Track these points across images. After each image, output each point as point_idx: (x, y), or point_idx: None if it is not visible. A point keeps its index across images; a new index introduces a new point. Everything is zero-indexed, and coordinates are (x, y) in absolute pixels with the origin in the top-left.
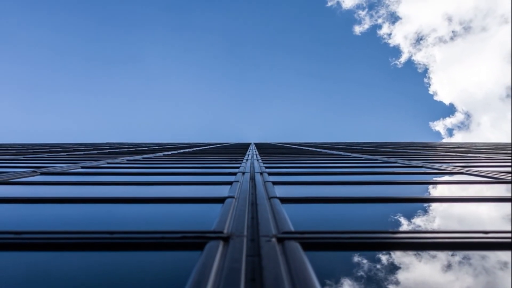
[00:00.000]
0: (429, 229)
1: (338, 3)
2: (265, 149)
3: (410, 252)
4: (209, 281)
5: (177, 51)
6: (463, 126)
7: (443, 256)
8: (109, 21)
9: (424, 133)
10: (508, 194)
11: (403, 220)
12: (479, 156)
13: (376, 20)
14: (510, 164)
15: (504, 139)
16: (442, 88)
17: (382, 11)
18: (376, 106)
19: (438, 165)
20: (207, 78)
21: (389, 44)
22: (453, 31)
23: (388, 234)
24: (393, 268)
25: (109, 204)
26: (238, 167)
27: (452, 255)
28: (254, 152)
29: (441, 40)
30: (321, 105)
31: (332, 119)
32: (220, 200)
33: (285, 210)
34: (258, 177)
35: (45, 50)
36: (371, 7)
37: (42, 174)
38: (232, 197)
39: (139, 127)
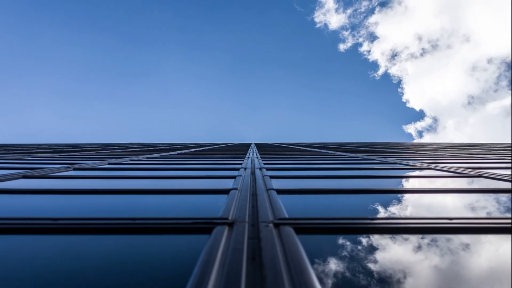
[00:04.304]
0: (402, 216)
1: (325, 25)
2: (264, 148)
3: (387, 235)
4: (216, 260)
5: (189, 65)
6: (431, 129)
7: (414, 238)
8: (132, 41)
9: (398, 135)
10: (469, 186)
11: (380, 208)
12: (445, 154)
13: (358, 39)
14: (470, 161)
15: (465, 139)
16: (413, 96)
17: (363, 32)
18: (358, 111)
19: (410, 162)
20: (214, 88)
21: (368, 59)
22: (422, 49)
23: (368, 220)
24: (372, 249)
25: (132, 195)
26: (240, 164)
27: (422, 238)
28: (254, 151)
29: (412, 56)
30: (312, 111)
31: (321, 123)
32: (225, 192)
33: (280, 200)
34: (257, 172)
35: (80, 66)
36: (353, 28)
37: (75, 169)
38: (235, 189)
39: (157, 130)
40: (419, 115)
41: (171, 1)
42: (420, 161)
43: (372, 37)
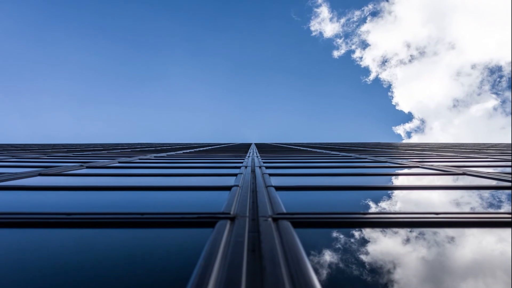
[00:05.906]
0: (392, 210)
1: (321, 33)
2: (263, 148)
3: (377, 229)
4: (219, 251)
5: (194, 71)
6: (419, 130)
7: (403, 232)
8: (141, 48)
9: (388, 135)
10: (454, 183)
11: (371, 204)
12: (432, 154)
13: (351, 47)
14: (455, 159)
15: (450, 139)
16: (402, 100)
17: (355, 39)
18: (351, 114)
19: (399, 161)
20: (217, 91)
21: (360, 65)
22: (411, 55)
23: (360, 214)
24: (364, 241)
25: (140, 191)
26: (241, 162)
27: (410, 231)
28: (255, 150)
29: (401, 62)
30: (308, 113)
31: (317, 124)
32: (227, 188)
33: (279, 196)
34: (257, 170)
35: (92, 71)
36: (346, 36)
37: (87, 167)
38: (237, 185)
39: (164, 131)
40: (408, 117)
41: (177, 11)
42: (409, 160)
43: (364, 45)
